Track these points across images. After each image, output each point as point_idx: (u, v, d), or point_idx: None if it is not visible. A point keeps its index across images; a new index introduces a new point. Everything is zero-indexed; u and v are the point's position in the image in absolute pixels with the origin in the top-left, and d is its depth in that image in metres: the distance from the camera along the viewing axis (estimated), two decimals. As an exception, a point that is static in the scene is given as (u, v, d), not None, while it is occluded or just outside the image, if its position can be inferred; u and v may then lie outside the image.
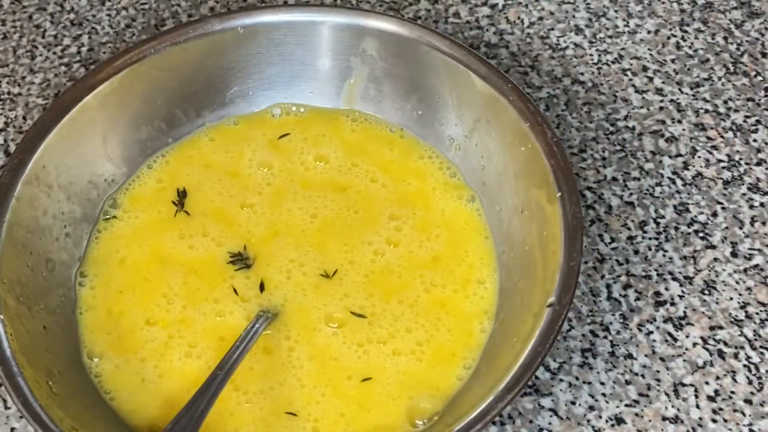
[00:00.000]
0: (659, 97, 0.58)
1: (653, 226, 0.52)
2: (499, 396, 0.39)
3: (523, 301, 0.44)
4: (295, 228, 0.49)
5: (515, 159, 0.47)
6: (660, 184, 0.54)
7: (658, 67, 0.59)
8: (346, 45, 0.51)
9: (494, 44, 0.60)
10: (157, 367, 0.45)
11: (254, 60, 0.52)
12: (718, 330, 0.48)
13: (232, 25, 0.50)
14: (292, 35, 0.51)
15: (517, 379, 0.39)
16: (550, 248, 0.43)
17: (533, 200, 0.45)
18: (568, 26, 0.61)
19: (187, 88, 0.51)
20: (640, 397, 0.46)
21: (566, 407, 0.46)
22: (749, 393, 0.46)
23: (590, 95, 0.58)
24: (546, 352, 0.40)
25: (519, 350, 0.40)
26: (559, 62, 0.59)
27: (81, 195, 0.48)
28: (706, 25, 0.61)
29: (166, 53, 0.49)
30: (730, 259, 0.51)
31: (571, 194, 0.44)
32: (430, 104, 0.52)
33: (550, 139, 0.45)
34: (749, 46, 0.60)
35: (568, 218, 0.43)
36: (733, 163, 0.55)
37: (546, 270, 0.43)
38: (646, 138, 0.56)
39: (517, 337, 0.42)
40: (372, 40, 0.51)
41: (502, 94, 0.47)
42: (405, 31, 0.50)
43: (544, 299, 0.41)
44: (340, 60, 0.52)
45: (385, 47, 0.51)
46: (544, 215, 0.44)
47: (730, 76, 0.59)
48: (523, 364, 0.40)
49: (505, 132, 0.48)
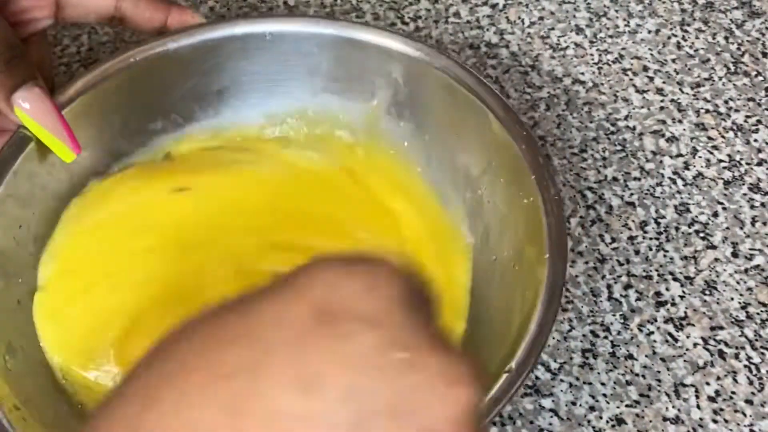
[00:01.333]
0: (660, 96, 0.58)
1: (654, 227, 0.52)
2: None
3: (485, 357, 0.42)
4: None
5: (517, 211, 0.45)
6: (661, 184, 0.54)
7: (658, 67, 0.59)
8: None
9: (494, 44, 0.60)
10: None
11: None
12: (718, 330, 0.48)
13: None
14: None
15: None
16: (527, 310, 0.41)
17: (525, 256, 0.44)
18: (569, 26, 0.61)
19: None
20: (640, 397, 0.46)
21: (567, 408, 0.45)
22: (750, 393, 0.46)
23: (591, 95, 0.58)
24: (494, 415, 0.38)
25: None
26: (560, 62, 0.59)
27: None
28: (707, 25, 0.61)
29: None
30: (731, 260, 0.51)
31: (561, 255, 0.42)
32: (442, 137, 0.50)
33: (552, 196, 0.43)
34: (750, 46, 0.60)
35: (551, 282, 0.41)
36: (734, 163, 0.55)
37: (513, 331, 0.41)
38: (646, 138, 0.56)
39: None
40: (398, 65, 0.49)
41: (516, 140, 0.45)
42: (426, 58, 0.48)
43: (505, 362, 0.39)
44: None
45: (410, 74, 0.49)
46: (533, 274, 0.42)
47: (730, 76, 0.59)
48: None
49: (512, 181, 0.46)
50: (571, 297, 0.49)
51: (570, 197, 0.53)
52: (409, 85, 0.49)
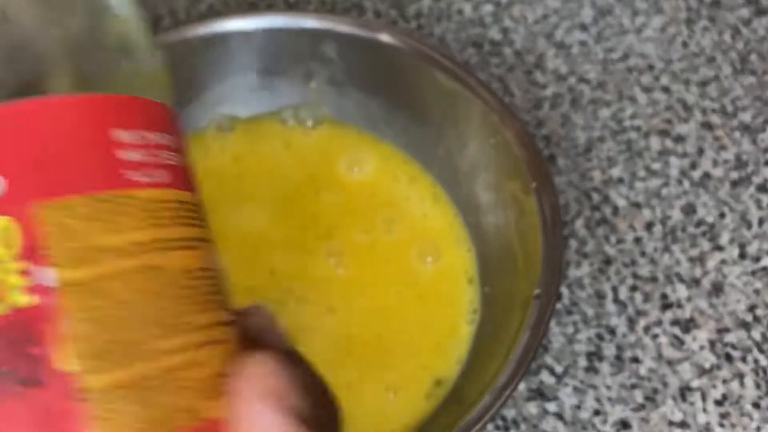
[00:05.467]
0: (666, 96, 0.57)
1: (660, 228, 0.51)
2: (496, 393, 0.38)
3: (507, 295, 0.43)
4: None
5: (485, 152, 0.47)
6: (667, 184, 0.53)
7: (664, 66, 0.58)
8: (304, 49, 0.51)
9: (498, 42, 0.59)
10: None
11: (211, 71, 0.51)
12: (725, 333, 0.48)
13: (186, 36, 0.49)
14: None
15: (512, 375, 0.38)
16: (530, 239, 0.43)
17: (507, 193, 0.45)
18: (573, 24, 0.61)
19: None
20: (646, 401, 0.45)
21: (572, 412, 0.45)
22: (757, 397, 0.46)
23: (596, 94, 0.57)
24: (538, 343, 0.39)
25: (510, 345, 0.40)
26: (564, 60, 0.59)
27: None
28: (714, 23, 0.61)
29: None
30: (738, 261, 0.50)
31: (546, 184, 0.43)
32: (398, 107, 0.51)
33: (520, 130, 0.45)
34: (757, 44, 0.60)
35: (545, 207, 0.43)
36: (741, 163, 0.54)
37: (528, 262, 0.42)
38: (652, 137, 0.55)
39: (506, 331, 0.41)
40: (330, 42, 0.50)
41: (468, 88, 0.47)
42: (365, 33, 0.49)
43: (530, 292, 0.41)
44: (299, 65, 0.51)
45: (345, 49, 0.50)
46: (520, 207, 0.44)
47: (737, 74, 0.58)
48: (516, 358, 0.39)
49: (473, 126, 0.47)
50: (575, 299, 0.48)
51: (575, 198, 0.52)
52: (345, 60, 0.50)
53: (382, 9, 0.61)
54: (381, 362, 0.44)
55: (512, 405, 0.45)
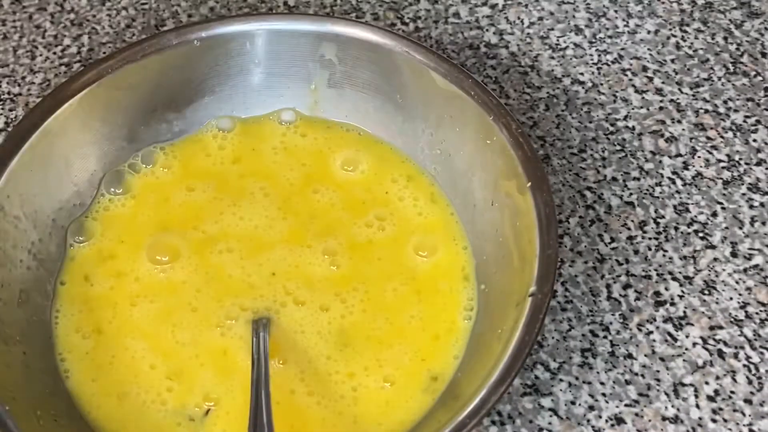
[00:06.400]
0: (659, 97, 0.58)
1: (653, 226, 0.52)
2: (491, 389, 0.39)
3: (503, 293, 0.44)
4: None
5: (481, 153, 0.47)
6: (660, 184, 0.54)
7: (657, 67, 0.59)
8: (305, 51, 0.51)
9: (494, 44, 0.60)
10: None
11: (213, 72, 0.51)
12: (717, 330, 0.48)
13: (188, 39, 0.50)
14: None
15: (508, 370, 0.39)
16: (525, 238, 0.43)
17: (503, 192, 0.46)
18: (568, 26, 0.61)
19: (147, 105, 0.50)
20: (639, 397, 0.46)
21: (566, 407, 0.46)
22: (749, 393, 0.46)
23: (590, 95, 0.58)
24: (533, 340, 0.40)
25: (506, 341, 0.40)
26: (559, 62, 0.59)
27: (47, 222, 0.47)
28: (706, 25, 0.62)
29: (123, 71, 0.48)
30: (730, 259, 0.51)
31: (541, 183, 0.44)
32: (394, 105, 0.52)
33: (515, 130, 0.46)
34: (749, 46, 0.60)
35: (541, 207, 0.43)
36: (733, 163, 0.55)
37: (523, 260, 0.43)
38: (645, 138, 0.56)
39: (502, 328, 0.42)
40: (329, 45, 0.51)
41: (465, 89, 0.48)
42: (363, 35, 0.50)
43: (525, 289, 0.41)
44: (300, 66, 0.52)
45: (344, 52, 0.51)
46: (515, 206, 0.45)
47: (729, 76, 0.59)
48: (511, 355, 0.40)
49: (469, 127, 0.48)
50: (570, 296, 0.49)
51: (569, 197, 0.53)
52: (344, 63, 0.51)
53: (380, 12, 0.62)
54: (378, 358, 0.45)
55: (508, 400, 0.46)
